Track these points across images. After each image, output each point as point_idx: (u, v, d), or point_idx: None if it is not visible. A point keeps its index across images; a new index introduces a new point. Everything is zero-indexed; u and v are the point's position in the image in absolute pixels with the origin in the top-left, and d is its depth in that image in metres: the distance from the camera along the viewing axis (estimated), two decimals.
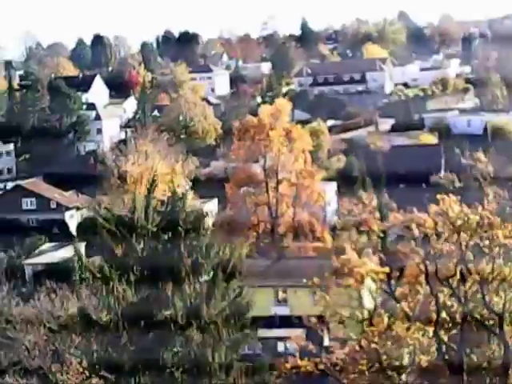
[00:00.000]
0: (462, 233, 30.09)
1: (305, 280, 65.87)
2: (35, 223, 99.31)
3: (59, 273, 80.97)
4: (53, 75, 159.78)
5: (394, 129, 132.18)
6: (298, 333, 52.96)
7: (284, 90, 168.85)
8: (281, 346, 60.47)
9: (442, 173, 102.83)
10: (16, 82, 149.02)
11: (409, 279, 31.25)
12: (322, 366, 32.54)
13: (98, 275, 31.21)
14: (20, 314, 38.50)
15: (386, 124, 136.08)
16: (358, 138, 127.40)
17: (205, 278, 32.48)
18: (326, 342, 51.89)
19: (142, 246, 31.54)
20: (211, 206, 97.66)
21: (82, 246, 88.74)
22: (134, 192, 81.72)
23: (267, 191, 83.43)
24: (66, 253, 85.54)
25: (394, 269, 32.19)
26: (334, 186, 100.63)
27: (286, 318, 59.42)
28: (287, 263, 71.61)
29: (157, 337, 29.67)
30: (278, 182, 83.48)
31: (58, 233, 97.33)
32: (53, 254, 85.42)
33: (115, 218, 32.04)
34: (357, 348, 31.65)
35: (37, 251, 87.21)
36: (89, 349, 31.08)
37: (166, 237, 31.99)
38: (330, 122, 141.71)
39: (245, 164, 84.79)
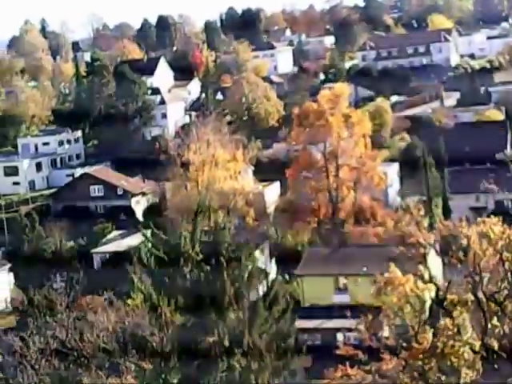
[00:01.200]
0: (504, 252, 29.94)
1: (365, 269, 66.50)
2: (102, 210, 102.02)
3: (126, 261, 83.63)
4: (119, 59, 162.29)
5: (460, 104, 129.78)
6: (357, 322, 53.15)
7: (347, 65, 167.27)
8: (340, 336, 61.18)
9: (509, 151, 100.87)
10: (83, 68, 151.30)
11: (454, 296, 31.33)
12: (370, 376, 32.99)
13: (147, 299, 32.37)
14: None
15: (452, 99, 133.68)
16: (422, 114, 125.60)
17: (247, 304, 33.23)
18: (386, 333, 52.10)
19: (187, 273, 32.49)
20: (273, 190, 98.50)
21: (148, 232, 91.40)
22: (197, 181, 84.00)
23: (327, 176, 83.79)
24: (132, 241, 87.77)
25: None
26: (395, 167, 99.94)
27: (345, 308, 59.78)
28: (348, 251, 71.96)
29: (202, 362, 30.64)
30: (338, 167, 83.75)
31: (125, 219, 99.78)
32: (120, 243, 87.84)
33: (163, 245, 33.13)
34: (403, 363, 31.99)
35: (104, 239, 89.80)
36: (140, 370, 32.33)
37: (209, 266, 32.85)
38: (394, 98, 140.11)
39: (305, 150, 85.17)
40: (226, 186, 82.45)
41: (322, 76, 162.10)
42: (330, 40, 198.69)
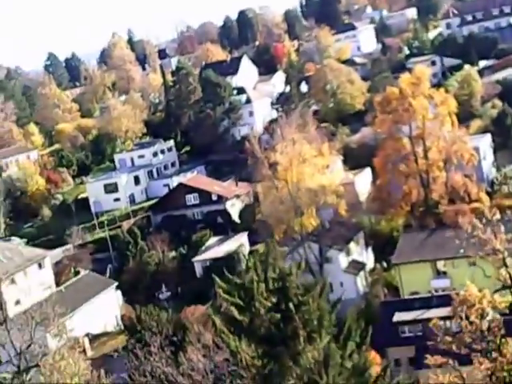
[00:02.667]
0: None
1: (462, 251, 65.12)
2: (200, 216, 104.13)
3: (225, 266, 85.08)
4: (203, 63, 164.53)
5: None
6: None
7: (431, 35, 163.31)
8: (440, 326, 60.31)
9: None
10: (169, 77, 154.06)
11: None
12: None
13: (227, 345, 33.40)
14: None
15: None
16: None
17: (321, 344, 33.62)
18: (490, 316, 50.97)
19: (260, 320, 33.26)
20: (364, 177, 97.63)
21: (244, 235, 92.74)
22: (286, 180, 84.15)
23: (416, 160, 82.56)
24: (230, 246, 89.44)
25: None
26: (488, 138, 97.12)
27: (443, 297, 58.93)
28: (444, 234, 70.62)
29: None
30: (426, 149, 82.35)
31: (222, 222, 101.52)
32: (218, 249, 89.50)
33: (237, 291, 34.06)
34: (489, 373, 31.52)
35: (203, 247, 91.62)
36: None
37: (280, 312, 33.49)
38: (482, 64, 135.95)
39: (390, 136, 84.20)
40: (315, 183, 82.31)
41: (406, 50, 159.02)
42: (412, 12, 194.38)
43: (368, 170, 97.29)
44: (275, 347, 32.76)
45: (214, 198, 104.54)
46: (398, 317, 60.64)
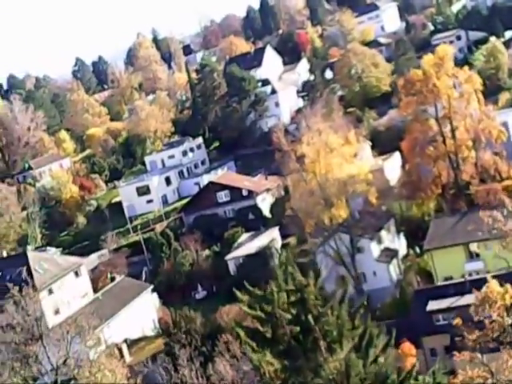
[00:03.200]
0: None
1: (495, 231, 63.81)
2: (231, 213, 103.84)
3: (259, 262, 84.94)
4: (227, 57, 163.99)
5: None
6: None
7: (455, 9, 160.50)
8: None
9: None
10: (194, 75, 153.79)
11: None
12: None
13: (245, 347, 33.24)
14: None
15: None
16: None
17: (342, 354, 33.21)
18: None
19: (281, 332, 33.02)
20: (393, 162, 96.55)
21: (275, 230, 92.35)
22: (314, 172, 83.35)
23: (444, 141, 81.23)
24: (262, 241, 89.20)
25: None
26: None
27: (478, 281, 57.89)
28: (475, 216, 69.25)
29: None
30: (454, 129, 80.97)
31: (253, 218, 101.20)
32: (250, 245, 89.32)
33: (258, 304, 33.86)
34: None
35: (236, 244, 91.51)
36: None
37: (300, 324, 33.18)
38: (508, 35, 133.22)
39: (416, 119, 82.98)
40: (344, 172, 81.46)
41: (431, 27, 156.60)
42: None
43: (397, 154, 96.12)
44: (296, 360, 32.49)
45: (245, 193, 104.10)
46: (432, 305, 59.78)
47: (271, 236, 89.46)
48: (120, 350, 73.15)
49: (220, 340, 47.09)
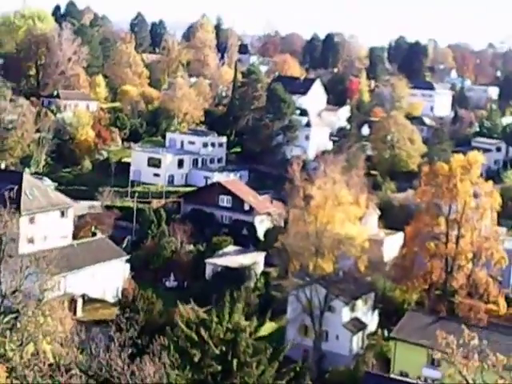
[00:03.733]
0: None
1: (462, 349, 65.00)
2: (227, 220, 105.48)
3: (235, 278, 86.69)
4: (277, 73, 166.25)
5: None
6: None
7: (505, 121, 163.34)
8: None
9: None
10: (241, 73, 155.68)
11: None
12: None
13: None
14: None
15: None
16: None
17: None
18: None
19: (204, 363, 34.05)
20: (395, 240, 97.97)
21: (262, 255, 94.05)
22: (316, 217, 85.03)
23: (446, 242, 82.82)
24: (245, 259, 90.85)
25: None
26: None
27: None
28: (450, 325, 70.31)
29: None
30: (459, 236, 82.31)
31: (246, 234, 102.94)
32: (233, 258, 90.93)
33: (196, 325, 34.99)
34: None
35: (220, 252, 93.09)
36: None
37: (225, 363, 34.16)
38: None
39: (428, 210, 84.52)
40: (343, 230, 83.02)
41: (477, 127, 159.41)
42: (494, 91, 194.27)
43: (401, 234, 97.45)
44: None
45: (246, 207, 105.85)
46: None
47: (256, 259, 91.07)
48: (75, 302, 73.94)
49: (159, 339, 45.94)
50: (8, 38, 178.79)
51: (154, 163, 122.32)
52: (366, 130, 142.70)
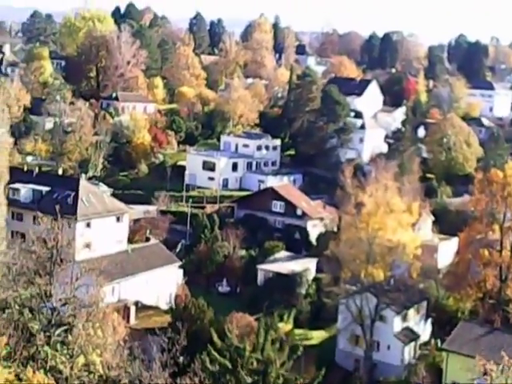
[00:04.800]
0: None
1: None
2: (280, 225, 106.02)
3: (286, 284, 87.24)
4: (333, 74, 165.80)
5: None
6: None
7: None
8: None
9: None
10: (296, 74, 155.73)
11: None
12: None
13: None
14: None
15: None
16: None
17: None
18: None
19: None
20: (450, 246, 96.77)
21: (313, 262, 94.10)
22: (367, 224, 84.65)
23: (501, 251, 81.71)
24: (296, 265, 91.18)
25: None
26: None
27: None
28: (504, 336, 69.23)
29: None
30: None
31: (299, 239, 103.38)
32: (285, 264, 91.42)
33: (228, 352, 35.36)
34: None
35: (272, 257, 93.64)
36: None
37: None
38: None
39: (482, 217, 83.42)
40: (395, 237, 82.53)
41: None
42: None
43: (456, 240, 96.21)
44: None
45: (299, 212, 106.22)
46: None
47: (307, 265, 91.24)
48: (128, 309, 75.16)
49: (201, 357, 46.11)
50: (69, 40, 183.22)
51: (209, 167, 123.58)
52: (421, 132, 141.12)
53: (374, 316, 74.52)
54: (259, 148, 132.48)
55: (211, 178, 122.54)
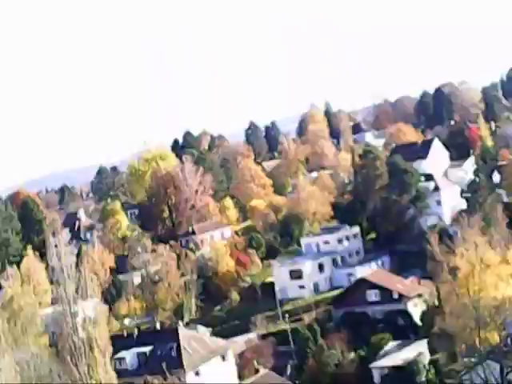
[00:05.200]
0: None
1: None
2: (380, 315, 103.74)
3: (405, 376, 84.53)
4: (393, 145, 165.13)
5: None
6: None
7: None
8: None
9: None
10: (358, 155, 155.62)
11: None
12: None
13: None
14: None
15: None
16: None
17: None
18: None
19: None
20: None
21: (423, 343, 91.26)
22: (467, 287, 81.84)
23: None
24: (409, 353, 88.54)
25: None
26: None
27: None
28: None
29: None
30: None
31: (403, 323, 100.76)
32: (397, 355, 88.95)
33: None
34: None
35: (382, 352, 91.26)
36: None
37: None
38: None
39: None
40: (499, 293, 79.96)
41: None
42: None
43: None
44: None
45: (395, 296, 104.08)
46: None
47: (419, 349, 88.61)
48: None
49: None
50: (137, 186, 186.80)
51: (296, 275, 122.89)
52: (496, 177, 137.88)
53: (502, 382, 71.52)
54: (340, 241, 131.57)
55: (301, 287, 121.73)
